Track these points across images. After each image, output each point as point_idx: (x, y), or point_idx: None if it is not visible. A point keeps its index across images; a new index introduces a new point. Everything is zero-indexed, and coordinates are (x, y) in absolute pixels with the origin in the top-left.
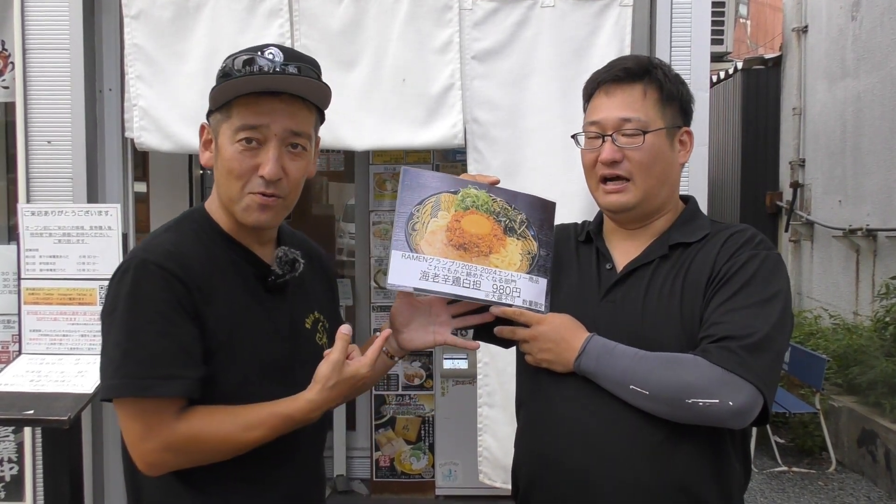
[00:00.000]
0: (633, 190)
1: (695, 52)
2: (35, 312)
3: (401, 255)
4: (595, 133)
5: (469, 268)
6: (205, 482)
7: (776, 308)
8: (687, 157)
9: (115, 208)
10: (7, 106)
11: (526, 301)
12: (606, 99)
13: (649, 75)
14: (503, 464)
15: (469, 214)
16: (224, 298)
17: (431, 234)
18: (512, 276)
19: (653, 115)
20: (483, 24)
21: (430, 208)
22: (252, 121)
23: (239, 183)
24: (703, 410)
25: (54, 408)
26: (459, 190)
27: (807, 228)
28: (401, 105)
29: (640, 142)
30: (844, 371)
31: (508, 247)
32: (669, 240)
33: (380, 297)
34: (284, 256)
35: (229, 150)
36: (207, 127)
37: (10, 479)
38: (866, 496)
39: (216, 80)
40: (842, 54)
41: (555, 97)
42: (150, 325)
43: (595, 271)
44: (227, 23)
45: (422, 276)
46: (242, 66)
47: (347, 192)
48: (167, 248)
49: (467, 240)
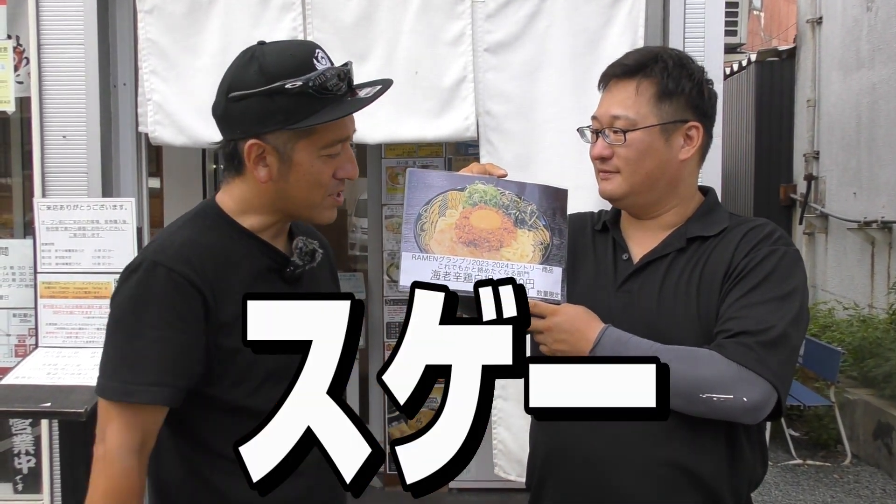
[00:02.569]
0: (618, 181)
1: (709, 43)
2: (51, 306)
3: (411, 257)
4: (595, 127)
5: (480, 263)
6: (213, 472)
7: (794, 304)
8: (690, 153)
9: (129, 202)
10: (22, 101)
11: (540, 292)
12: (606, 94)
13: (646, 70)
14: (518, 457)
15: (478, 210)
16: (241, 294)
17: (440, 232)
18: (525, 267)
19: (645, 112)
20: (495, 16)
21: (437, 207)
22: (342, 135)
23: (322, 190)
24: (718, 405)
25: (71, 400)
26: (466, 186)
27: (821, 221)
28: (413, 98)
29: (622, 140)
30: (860, 364)
31: (520, 239)
32: (687, 233)
33: (392, 290)
34: (305, 247)
35: (316, 164)
36: (260, 143)
37: (28, 471)
38: (882, 489)
39: (281, 93)
40: (857, 45)
41: (568, 89)
42: (150, 330)
43: (611, 261)
44: (241, 17)
45: (433, 275)
46: (321, 81)
47: (359, 187)
48: (179, 250)
49: (477, 235)
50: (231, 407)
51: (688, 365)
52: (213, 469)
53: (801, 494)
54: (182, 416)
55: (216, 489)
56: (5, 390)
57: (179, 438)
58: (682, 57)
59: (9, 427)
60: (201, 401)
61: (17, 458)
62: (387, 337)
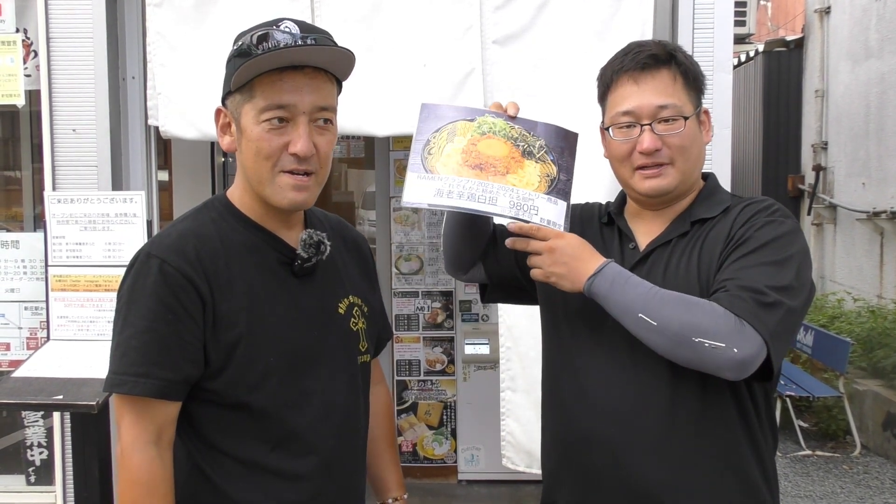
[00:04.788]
0: (671, 174)
1: (718, 33)
2: (62, 299)
3: (416, 177)
4: (628, 122)
5: (485, 185)
6: (234, 474)
7: (791, 268)
8: (709, 136)
9: (139, 195)
10: (31, 95)
11: (544, 220)
12: (636, 87)
13: (674, 60)
14: (527, 448)
15: (486, 139)
16: (242, 288)
17: (447, 156)
18: (530, 194)
19: (684, 100)
20: (503, 8)
21: (445, 135)
22: (279, 100)
23: (269, 163)
24: (706, 352)
25: (82, 393)
26: (476, 118)
27: (829, 212)
28: (421, 90)
29: (680, 127)
30: (869, 354)
31: (526, 168)
32: (691, 216)
33: (401, 283)
34: (309, 239)
35: (255, 130)
36: (224, 110)
37: (41, 463)
38: (891, 479)
39: (229, 60)
40: (865, 35)
41: (576, 80)
42: (140, 320)
43: (619, 251)
44: (249, 9)
45: (436, 193)
46: (258, 41)
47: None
48: (176, 241)
49: (483, 160)
50: (232, 403)
51: (685, 309)
52: (214, 467)
53: (810, 485)
54: (185, 413)
55: (217, 488)
56: (17, 383)
57: (184, 435)
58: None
59: (21, 419)
60: (203, 396)
61: (30, 450)
62: (395, 329)
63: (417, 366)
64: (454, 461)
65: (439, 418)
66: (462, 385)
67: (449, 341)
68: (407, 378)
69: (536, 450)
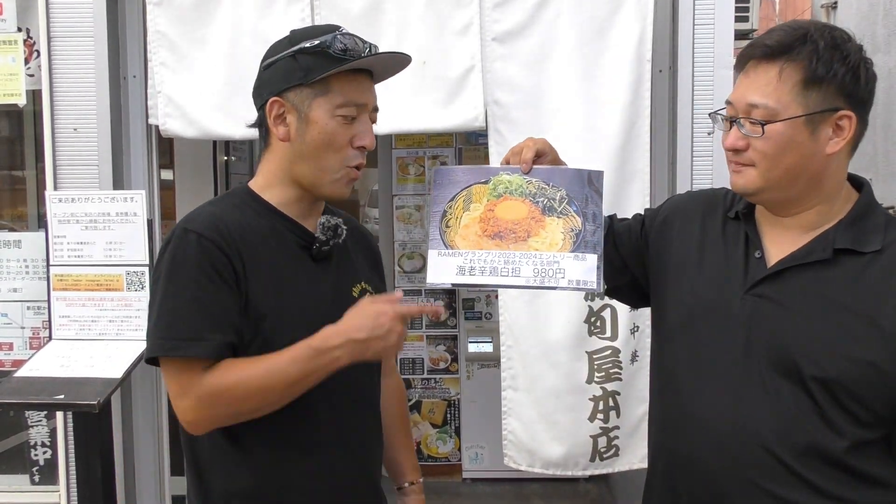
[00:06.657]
0: (752, 175)
1: (718, 29)
2: (64, 298)
3: (437, 254)
4: (729, 113)
5: (506, 255)
6: (252, 443)
7: None
8: (840, 145)
9: (140, 194)
10: (34, 94)
11: (572, 281)
12: (744, 77)
13: (792, 52)
14: (528, 447)
15: (503, 201)
16: (268, 265)
17: (465, 227)
18: (554, 256)
19: (787, 101)
20: (503, 4)
21: (461, 202)
22: (358, 98)
23: (338, 155)
24: None
25: (84, 392)
26: (490, 179)
27: None
28: (421, 88)
29: (759, 132)
30: None
31: (548, 227)
32: (835, 242)
33: (404, 280)
34: (327, 223)
35: (330, 123)
36: (281, 100)
37: (44, 462)
38: None
39: (292, 56)
40: (873, 29)
41: (576, 77)
42: (184, 290)
43: (742, 256)
44: (249, 8)
45: (458, 271)
46: (338, 44)
47: (371, 178)
48: (207, 219)
49: (502, 227)
50: None
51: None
52: (238, 435)
53: None
54: None
55: (238, 453)
56: (20, 382)
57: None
58: (837, 36)
59: (25, 419)
60: None
61: (34, 450)
62: None
63: (421, 364)
64: (458, 459)
65: (443, 416)
66: (466, 383)
67: (452, 339)
68: (410, 376)
69: (538, 448)
